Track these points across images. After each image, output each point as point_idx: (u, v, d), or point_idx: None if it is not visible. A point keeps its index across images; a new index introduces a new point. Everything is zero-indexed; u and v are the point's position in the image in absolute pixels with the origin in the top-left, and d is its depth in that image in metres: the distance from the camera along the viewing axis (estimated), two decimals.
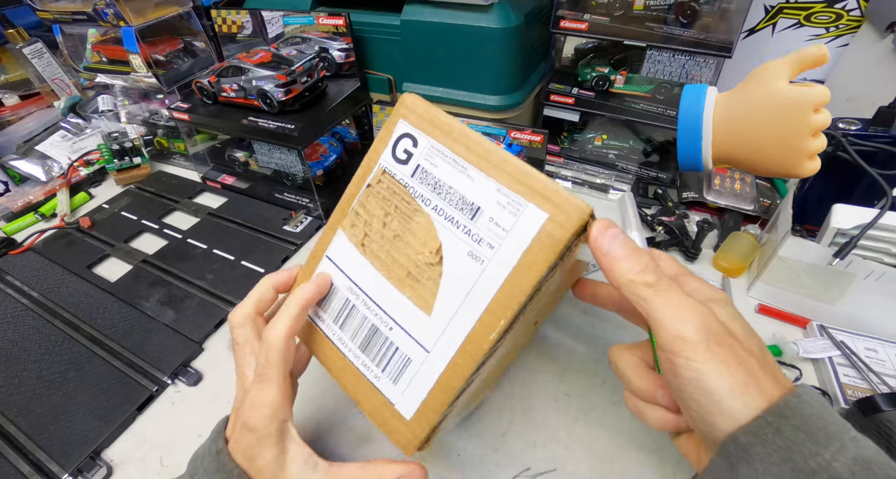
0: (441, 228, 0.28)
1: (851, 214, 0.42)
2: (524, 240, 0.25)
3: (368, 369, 0.31)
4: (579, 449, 0.38)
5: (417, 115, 0.30)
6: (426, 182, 0.29)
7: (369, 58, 0.71)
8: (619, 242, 0.26)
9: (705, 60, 0.58)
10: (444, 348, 0.28)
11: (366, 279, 0.31)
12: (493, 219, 0.26)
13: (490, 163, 0.27)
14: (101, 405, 0.43)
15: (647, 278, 0.25)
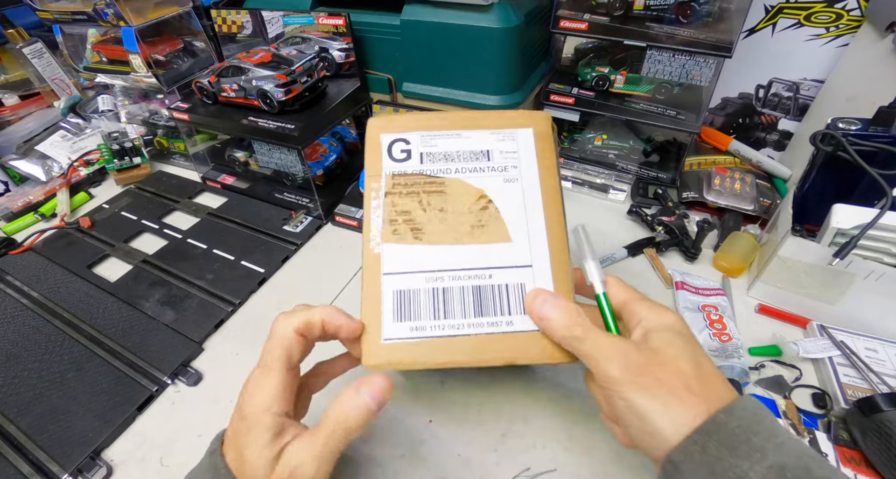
0: (472, 179, 0.34)
1: (851, 214, 0.42)
2: (531, 149, 0.35)
3: (497, 325, 0.32)
4: (579, 450, 0.38)
5: (391, 124, 0.37)
6: (436, 160, 0.35)
7: (369, 58, 0.71)
8: (548, 305, 0.31)
9: (705, 60, 0.58)
10: (539, 250, 0.33)
11: (438, 260, 0.33)
12: (502, 151, 0.35)
13: (468, 121, 0.36)
14: (101, 405, 0.43)
15: (576, 332, 0.29)
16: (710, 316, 0.47)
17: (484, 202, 0.34)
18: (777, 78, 0.70)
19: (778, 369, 0.44)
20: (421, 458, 0.38)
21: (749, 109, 0.74)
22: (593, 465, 0.37)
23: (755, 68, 0.70)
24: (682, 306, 0.49)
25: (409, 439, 0.40)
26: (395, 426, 0.40)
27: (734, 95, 0.74)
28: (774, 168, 0.65)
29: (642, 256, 0.57)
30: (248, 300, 0.54)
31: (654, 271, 0.55)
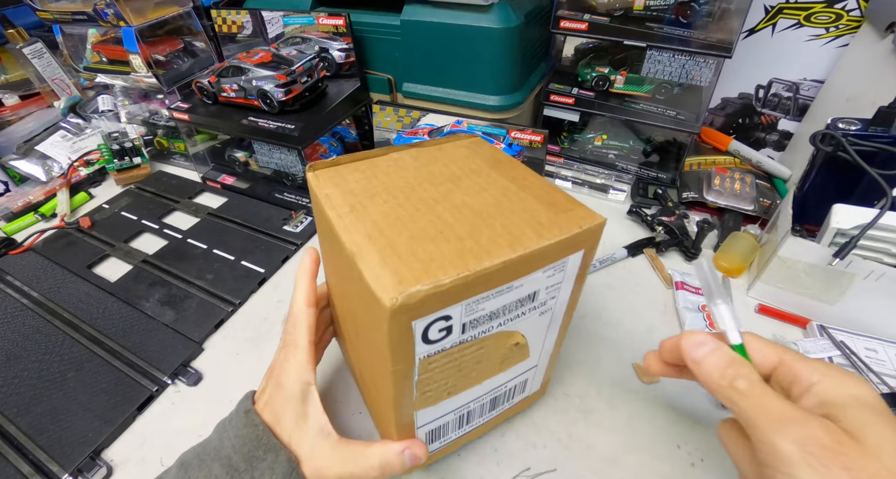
0: (512, 326, 0.29)
1: (851, 214, 0.42)
2: (574, 273, 0.29)
3: (501, 409, 0.37)
4: (579, 450, 0.38)
5: (426, 302, 0.23)
6: (479, 324, 0.27)
7: (369, 58, 0.71)
8: (705, 348, 0.26)
9: (705, 60, 0.58)
10: (542, 354, 0.34)
11: (467, 398, 0.32)
12: (548, 287, 0.28)
13: (525, 263, 0.25)
14: (101, 405, 0.43)
15: (738, 384, 0.24)
16: (710, 316, 0.47)
17: (517, 340, 0.31)
18: (777, 78, 0.70)
19: None
20: None
21: (749, 109, 0.74)
22: (593, 465, 0.37)
23: (755, 68, 0.70)
24: (682, 306, 0.49)
25: None
26: None
27: (734, 95, 0.74)
28: (774, 168, 0.65)
29: (642, 256, 0.57)
30: (249, 300, 0.54)
31: (654, 271, 0.55)
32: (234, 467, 0.29)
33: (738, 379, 0.24)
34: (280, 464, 0.29)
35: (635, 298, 0.52)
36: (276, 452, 0.29)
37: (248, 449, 0.30)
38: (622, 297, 0.52)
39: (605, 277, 0.54)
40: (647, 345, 0.46)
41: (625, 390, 0.43)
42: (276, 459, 0.29)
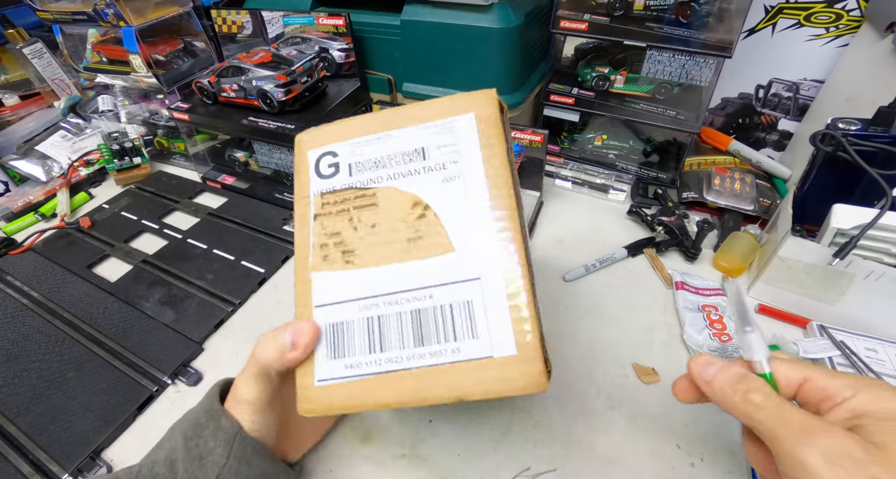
0: (405, 185, 0.29)
1: (851, 214, 0.42)
2: (473, 137, 0.29)
3: (441, 355, 0.26)
4: (579, 450, 0.38)
5: (318, 137, 0.33)
6: (365, 169, 0.30)
7: (369, 58, 0.71)
8: (714, 367, 0.26)
9: (705, 60, 0.58)
10: (488, 261, 0.26)
11: (372, 284, 0.28)
12: (439, 146, 0.29)
13: (398, 118, 0.30)
14: (101, 405, 0.43)
15: (752, 397, 0.23)
16: (710, 316, 0.47)
17: (420, 210, 0.28)
18: (777, 78, 0.70)
19: None
20: (421, 458, 0.38)
21: (749, 109, 0.74)
22: (593, 465, 0.37)
23: (755, 68, 0.70)
24: (682, 305, 0.49)
25: (409, 439, 0.40)
26: (395, 426, 0.40)
27: (734, 95, 0.74)
28: (774, 168, 0.65)
29: (642, 256, 0.57)
30: (249, 300, 0.54)
31: (654, 271, 0.55)
32: (186, 434, 0.30)
33: (751, 392, 0.24)
34: (222, 430, 0.29)
35: (635, 298, 0.52)
36: (217, 418, 0.30)
37: (196, 416, 0.31)
38: (622, 297, 0.52)
39: (605, 277, 0.54)
40: (647, 345, 0.46)
41: (625, 390, 0.43)
42: (217, 425, 0.29)
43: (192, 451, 0.29)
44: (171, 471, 0.29)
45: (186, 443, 0.29)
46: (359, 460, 0.38)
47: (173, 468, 0.29)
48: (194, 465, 0.29)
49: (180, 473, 0.29)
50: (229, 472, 0.28)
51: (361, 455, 0.39)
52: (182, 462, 0.29)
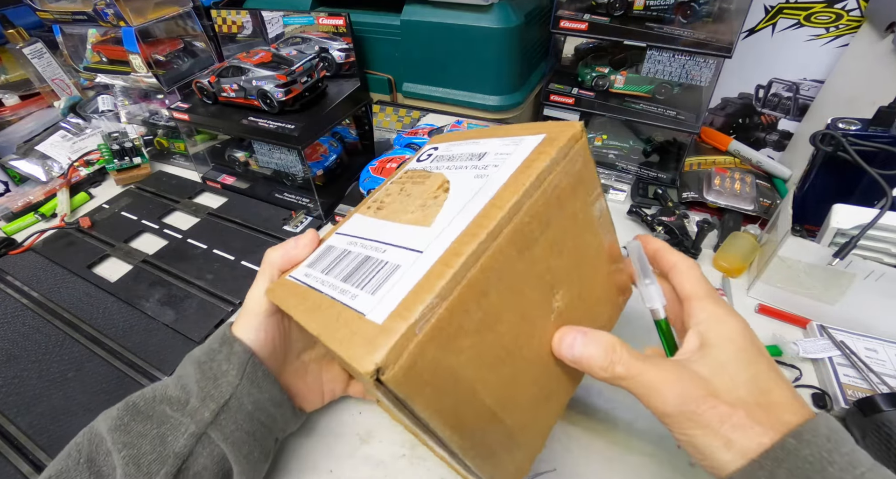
0: (449, 172, 0.32)
1: (851, 214, 0.42)
2: (523, 153, 0.28)
3: (344, 294, 0.27)
4: (579, 450, 0.38)
5: (437, 139, 0.39)
6: (442, 160, 0.34)
7: (369, 58, 0.71)
8: (577, 345, 0.28)
9: (705, 60, 0.58)
10: (439, 246, 0.25)
11: (369, 229, 0.31)
12: (497, 153, 0.30)
13: (494, 132, 0.34)
14: (102, 405, 0.42)
15: (617, 371, 0.27)
16: None
17: (441, 191, 0.30)
18: (777, 78, 0.70)
19: None
20: (421, 458, 0.38)
21: (749, 109, 0.74)
22: (593, 465, 0.37)
23: (755, 68, 0.70)
24: None
25: (410, 439, 0.40)
26: (395, 426, 0.40)
27: (734, 95, 0.74)
28: (774, 168, 0.65)
29: None
30: None
31: None
32: (199, 360, 0.33)
33: (616, 366, 0.27)
34: (235, 354, 0.32)
35: (635, 298, 0.51)
36: (230, 343, 0.33)
37: (209, 344, 0.34)
38: None
39: None
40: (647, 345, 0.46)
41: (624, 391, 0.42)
42: (230, 350, 0.32)
43: (206, 373, 0.32)
44: (183, 392, 0.31)
45: (200, 367, 0.32)
46: (359, 460, 0.38)
47: (185, 390, 0.32)
48: (209, 384, 0.31)
49: (195, 391, 0.31)
50: (241, 391, 0.32)
51: (361, 455, 0.39)
52: (196, 383, 0.31)
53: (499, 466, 0.29)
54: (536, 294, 0.28)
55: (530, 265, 0.27)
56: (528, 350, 0.28)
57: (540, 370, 0.29)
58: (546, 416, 0.32)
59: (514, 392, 0.28)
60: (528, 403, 0.29)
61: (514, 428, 0.28)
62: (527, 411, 0.29)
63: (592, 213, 0.31)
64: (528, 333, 0.28)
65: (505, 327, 0.26)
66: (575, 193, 0.29)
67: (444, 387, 0.24)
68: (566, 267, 0.29)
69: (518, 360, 0.27)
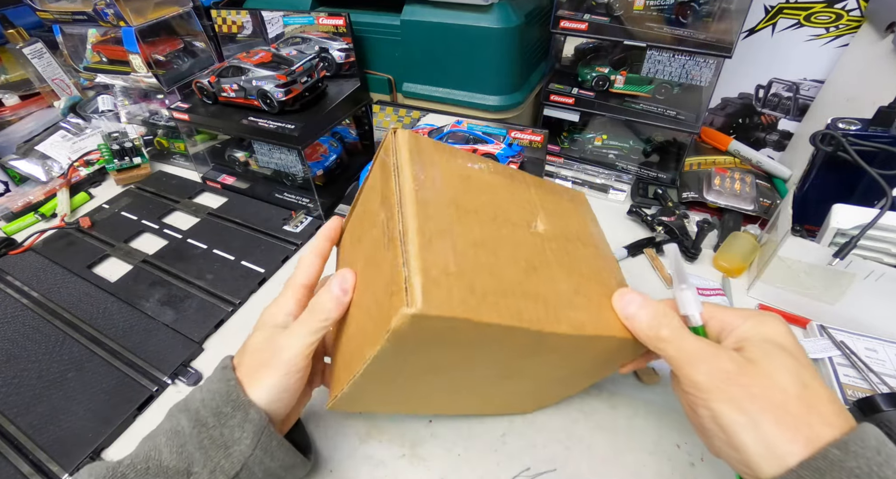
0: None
1: (851, 214, 0.42)
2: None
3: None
4: (579, 450, 0.38)
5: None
6: None
7: (369, 58, 0.71)
8: (634, 305, 0.29)
9: (705, 60, 0.58)
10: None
11: None
12: None
13: None
14: (101, 405, 0.43)
15: (661, 332, 0.28)
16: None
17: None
18: (777, 78, 0.70)
19: None
20: (421, 458, 0.38)
21: (749, 109, 0.74)
22: (593, 465, 0.37)
23: (755, 68, 0.70)
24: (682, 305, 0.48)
25: (409, 439, 0.40)
26: (395, 426, 0.40)
27: (734, 95, 0.74)
28: (774, 168, 0.65)
29: (642, 256, 0.57)
30: (248, 300, 0.54)
31: (654, 271, 0.55)
32: (202, 421, 0.29)
33: (662, 328, 0.28)
34: (251, 422, 0.29)
35: None
36: (245, 409, 0.29)
37: (216, 404, 0.29)
38: None
39: None
40: None
41: (625, 390, 0.43)
42: (245, 417, 0.29)
43: (215, 440, 0.29)
44: (182, 460, 0.28)
45: (209, 432, 0.29)
46: (359, 460, 0.38)
47: (185, 457, 0.28)
48: (220, 454, 0.28)
49: (198, 460, 0.28)
50: (253, 461, 0.29)
51: (361, 455, 0.39)
52: (201, 450, 0.28)
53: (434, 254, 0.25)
54: (516, 207, 0.32)
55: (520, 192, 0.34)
56: (509, 228, 0.30)
57: (520, 246, 0.30)
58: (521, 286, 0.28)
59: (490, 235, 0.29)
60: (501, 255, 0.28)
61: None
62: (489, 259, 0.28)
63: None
64: (508, 216, 0.31)
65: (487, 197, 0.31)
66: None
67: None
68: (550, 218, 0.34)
69: (498, 225, 0.30)
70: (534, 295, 0.27)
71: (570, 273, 0.30)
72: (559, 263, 0.31)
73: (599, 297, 0.30)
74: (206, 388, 0.31)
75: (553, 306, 0.27)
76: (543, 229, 0.32)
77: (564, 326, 0.27)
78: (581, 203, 0.40)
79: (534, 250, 0.30)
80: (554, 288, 0.28)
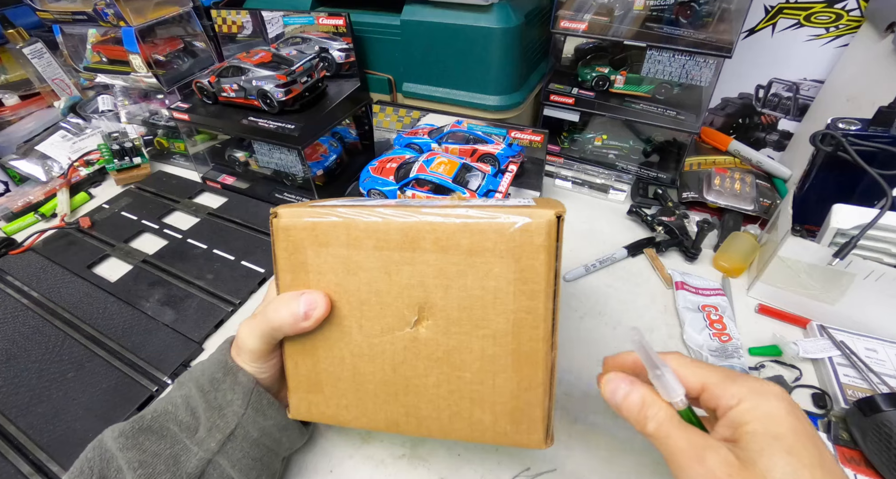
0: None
1: (851, 214, 0.42)
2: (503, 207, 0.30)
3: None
4: (579, 450, 0.38)
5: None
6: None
7: (369, 58, 0.71)
8: (619, 394, 0.28)
9: (705, 60, 0.58)
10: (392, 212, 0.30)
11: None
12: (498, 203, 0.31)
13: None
14: (101, 405, 0.43)
15: (648, 427, 0.26)
16: (710, 316, 0.47)
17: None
18: (777, 78, 0.70)
19: (778, 369, 0.44)
20: (421, 458, 0.38)
21: (749, 109, 0.74)
22: (593, 465, 0.37)
23: (755, 68, 0.70)
24: (682, 305, 0.49)
25: (409, 439, 0.40)
26: None
27: (734, 95, 0.74)
28: (774, 168, 0.65)
29: (642, 256, 0.57)
30: (248, 300, 0.54)
31: (654, 271, 0.55)
32: (202, 387, 0.33)
33: (648, 423, 0.26)
34: (239, 384, 0.32)
35: (635, 298, 0.52)
36: (234, 373, 0.32)
37: (211, 372, 0.33)
38: (622, 297, 0.52)
39: (605, 277, 0.54)
40: None
41: None
42: (235, 380, 0.32)
43: (210, 402, 0.32)
44: (192, 417, 0.32)
45: (205, 396, 0.32)
46: (359, 460, 0.38)
47: (194, 415, 0.32)
48: (215, 414, 0.32)
49: (202, 420, 0.32)
50: (247, 420, 0.32)
51: (361, 455, 0.39)
52: (203, 411, 0.32)
53: None
54: (402, 299, 0.30)
55: (410, 266, 0.29)
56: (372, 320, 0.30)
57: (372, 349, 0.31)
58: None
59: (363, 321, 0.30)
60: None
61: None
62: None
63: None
64: (380, 310, 0.30)
65: (363, 280, 0.30)
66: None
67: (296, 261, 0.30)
68: (446, 325, 0.30)
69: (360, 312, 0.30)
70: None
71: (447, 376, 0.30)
72: (435, 367, 0.30)
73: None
74: (207, 360, 0.35)
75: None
76: (425, 328, 0.30)
77: None
78: (527, 236, 0.28)
79: (407, 357, 0.30)
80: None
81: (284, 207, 0.31)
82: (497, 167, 0.60)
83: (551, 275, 0.28)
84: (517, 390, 0.30)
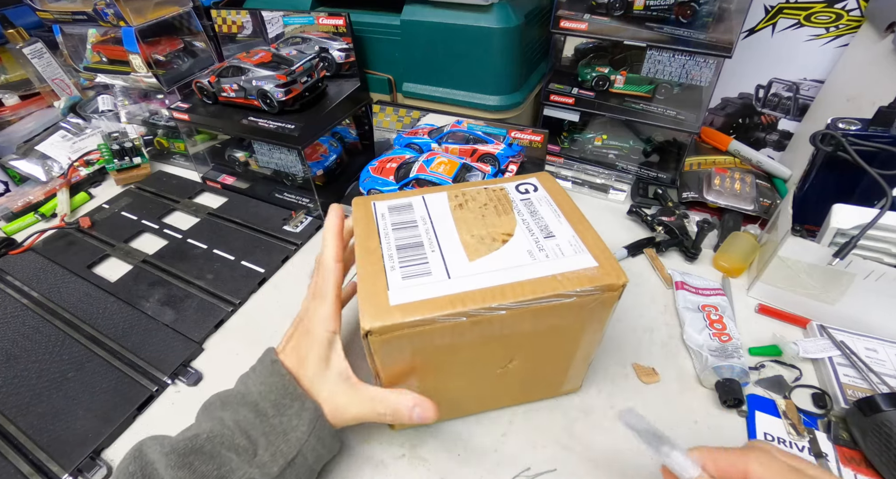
0: (519, 228, 0.36)
1: (851, 214, 0.42)
2: (571, 265, 0.32)
3: (389, 259, 0.34)
4: (579, 450, 0.38)
5: (547, 184, 0.41)
6: (527, 207, 0.38)
7: (369, 58, 0.71)
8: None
9: (705, 60, 0.58)
10: (460, 284, 0.31)
11: (440, 220, 0.37)
12: (559, 245, 0.34)
13: (577, 224, 0.36)
14: (101, 405, 0.43)
15: None
16: (710, 316, 0.47)
17: (501, 241, 0.37)
18: (777, 78, 0.70)
19: (778, 369, 0.44)
20: (421, 458, 0.38)
21: (749, 109, 0.74)
22: (593, 465, 0.37)
23: (755, 68, 0.70)
24: (682, 306, 0.49)
25: (409, 439, 0.40)
26: None
27: (734, 95, 0.74)
28: (774, 168, 0.65)
29: (642, 256, 0.57)
30: (248, 300, 0.54)
31: (654, 271, 0.55)
32: (262, 412, 0.33)
33: None
34: (307, 411, 0.33)
35: (635, 298, 0.52)
36: (301, 400, 0.33)
37: (275, 397, 0.33)
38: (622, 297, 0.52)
39: None
40: (648, 345, 0.46)
41: (625, 390, 0.43)
42: (302, 406, 0.33)
43: (275, 427, 0.32)
44: (250, 442, 0.32)
45: (267, 420, 0.33)
46: (359, 460, 0.38)
47: (251, 440, 0.32)
48: (279, 439, 0.32)
49: (262, 444, 0.32)
50: (307, 448, 0.33)
51: (361, 455, 0.39)
52: (264, 436, 0.32)
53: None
54: (495, 356, 0.35)
55: (503, 339, 0.33)
56: (465, 385, 0.37)
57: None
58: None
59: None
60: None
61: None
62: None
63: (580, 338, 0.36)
64: (472, 373, 0.36)
65: (459, 358, 0.34)
66: (572, 325, 0.34)
67: (398, 360, 0.33)
68: (529, 358, 0.36)
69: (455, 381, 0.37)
70: None
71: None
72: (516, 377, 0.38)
73: None
74: (259, 381, 0.34)
75: None
76: (512, 365, 0.36)
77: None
78: (598, 304, 0.34)
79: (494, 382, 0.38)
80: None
81: (370, 306, 0.31)
82: (497, 167, 0.60)
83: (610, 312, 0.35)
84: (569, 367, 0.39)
